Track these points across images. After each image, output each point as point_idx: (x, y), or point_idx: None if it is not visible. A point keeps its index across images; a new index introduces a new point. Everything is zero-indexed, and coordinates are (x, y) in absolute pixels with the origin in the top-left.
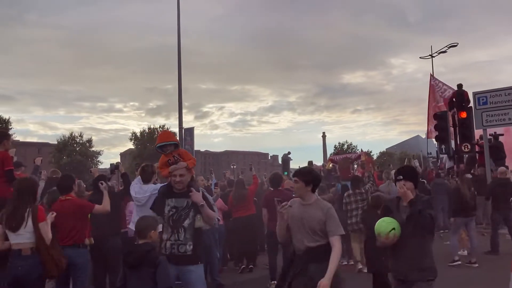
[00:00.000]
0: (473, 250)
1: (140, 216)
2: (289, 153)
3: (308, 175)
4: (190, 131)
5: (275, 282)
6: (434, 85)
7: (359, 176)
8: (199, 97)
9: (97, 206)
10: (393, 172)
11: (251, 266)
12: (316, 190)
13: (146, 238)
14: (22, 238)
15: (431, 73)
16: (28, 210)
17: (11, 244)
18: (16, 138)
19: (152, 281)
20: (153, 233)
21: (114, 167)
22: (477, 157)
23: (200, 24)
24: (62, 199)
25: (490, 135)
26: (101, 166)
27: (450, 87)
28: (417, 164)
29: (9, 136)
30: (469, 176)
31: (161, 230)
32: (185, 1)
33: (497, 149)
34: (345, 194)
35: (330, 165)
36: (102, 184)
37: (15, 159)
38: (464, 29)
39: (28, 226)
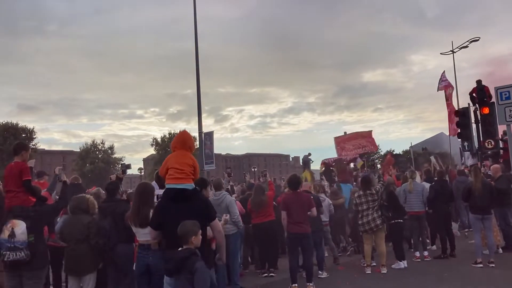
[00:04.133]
0: (490, 249)
1: None
2: (309, 154)
3: None
4: (210, 135)
5: (296, 285)
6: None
7: (369, 177)
8: (218, 101)
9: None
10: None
11: (272, 271)
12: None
13: (188, 243)
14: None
15: (443, 71)
16: (151, 210)
17: (138, 240)
18: (41, 147)
19: (190, 287)
20: (194, 238)
21: (125, 167)
22: (502, 154)
23: (217, 28)
24: None
25: None
26: None
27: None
28: (434, 161)
29: (27, 147)
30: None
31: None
32: (202, 6)
33: None
34: (355, 195)
35: (323, 168)
36: None
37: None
38: (484, 23)
39: None
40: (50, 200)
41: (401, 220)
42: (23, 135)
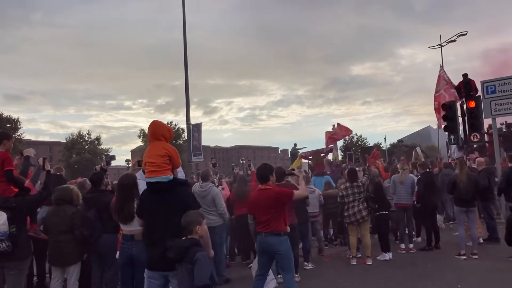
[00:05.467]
0: (473, 241)
1: None
2: (295, 145)
3: None
4: (198, 126)
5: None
6: (441, 75)
7: (355, 169)
8: (207, 93)
9: (295, 192)
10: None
11: (251, 264)
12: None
13: (192, 233)
14: (134, 226)
15: (441, 64)
16: (136, 202)
17: (123, 230)
18: (28, 137)
19: (190, 277)
20: (198, 228)
21: (109, 158)
22: (488, 147)
23: (207, 19)
24: (262, 188)
25: (500, 124)
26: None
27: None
28: (420, 152)
29: (10, 136)
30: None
31: None
32: None
33: (509, 139)
34: (341, 187)
35: (301, 161)
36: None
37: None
38: (472, 17)
39: None
40: (33, 190)
41: (387, 212)
42: (8, 125)
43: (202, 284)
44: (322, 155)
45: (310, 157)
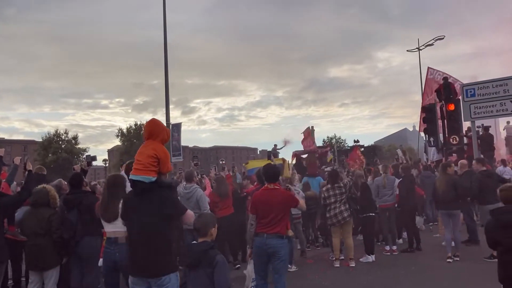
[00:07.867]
0: (456, 243)
1: None
2: (275, 145)
3: None
4: (178, 126)
5: None
6: (432, 78)
7: (336, 171)
8: (185, 92)
9: (300, 201)
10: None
11: (238, 265)
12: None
13: (206, 236)
14: (118, 227)
15: (429, 66)
16: (121, 202)
17: (106, 232)
18: (1, 136)
19: (210, 281)
20: (213, 230)
21: (90, 159)
22: (466, 149)
23: (187, 19)
24: (270, 188)
25: (477, 127)
26: None
27: (448, 75)
28: (401, 154)
29: None
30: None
31: None
32: None
33: (485, 142)
34: (323, 189)
35: (294, 160)
36: None
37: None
38: (448, 22)
39: None
40: (8, 190)
41: (373, 214)
42: None
43: None
44: (316, 155)
45: (305, 155)
